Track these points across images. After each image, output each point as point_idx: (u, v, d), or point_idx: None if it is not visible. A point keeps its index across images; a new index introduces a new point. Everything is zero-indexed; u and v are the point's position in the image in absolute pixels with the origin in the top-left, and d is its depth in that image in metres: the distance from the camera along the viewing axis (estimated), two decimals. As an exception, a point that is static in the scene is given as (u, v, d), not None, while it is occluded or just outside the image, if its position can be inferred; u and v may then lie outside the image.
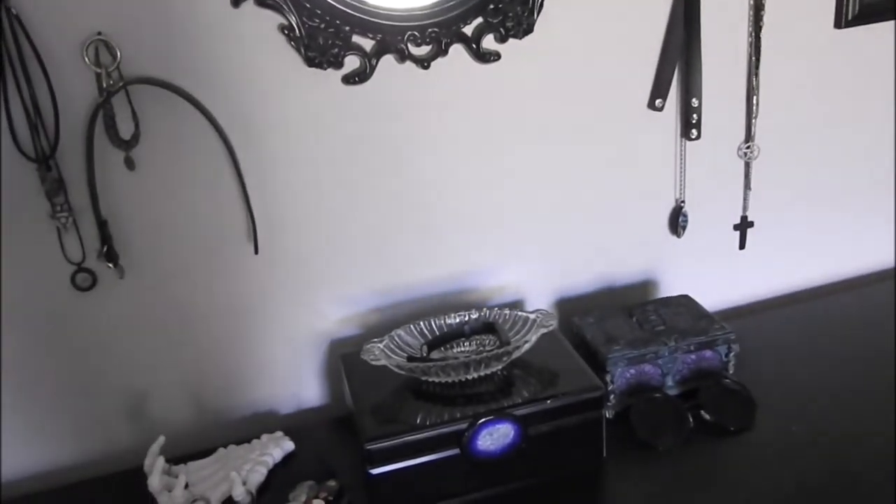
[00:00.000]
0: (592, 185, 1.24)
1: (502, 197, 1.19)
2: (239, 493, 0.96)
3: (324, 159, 1.09)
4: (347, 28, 1.02)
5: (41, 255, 1.02)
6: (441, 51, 1.08)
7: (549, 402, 0.96)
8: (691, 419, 1.05)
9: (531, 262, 1.25)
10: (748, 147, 1.29)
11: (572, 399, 0.97)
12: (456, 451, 0.94)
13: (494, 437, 0.95)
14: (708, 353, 1.11)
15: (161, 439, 1.01)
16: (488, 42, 1.10)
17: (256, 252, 1.09)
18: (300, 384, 1.20)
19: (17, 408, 1.07)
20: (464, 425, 0.94)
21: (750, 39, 1.23)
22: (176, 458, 1.06)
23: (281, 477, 1.04)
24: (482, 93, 1.13)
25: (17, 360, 1.05)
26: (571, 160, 1.21)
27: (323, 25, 1.01)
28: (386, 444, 0.92)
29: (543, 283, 1.27)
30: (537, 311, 1.08)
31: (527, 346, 1.01)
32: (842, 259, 1.44)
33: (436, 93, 1.10)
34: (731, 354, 1.12)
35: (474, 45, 1.09)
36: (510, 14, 1.08)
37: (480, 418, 0.94)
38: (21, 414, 1.08)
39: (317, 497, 0.96)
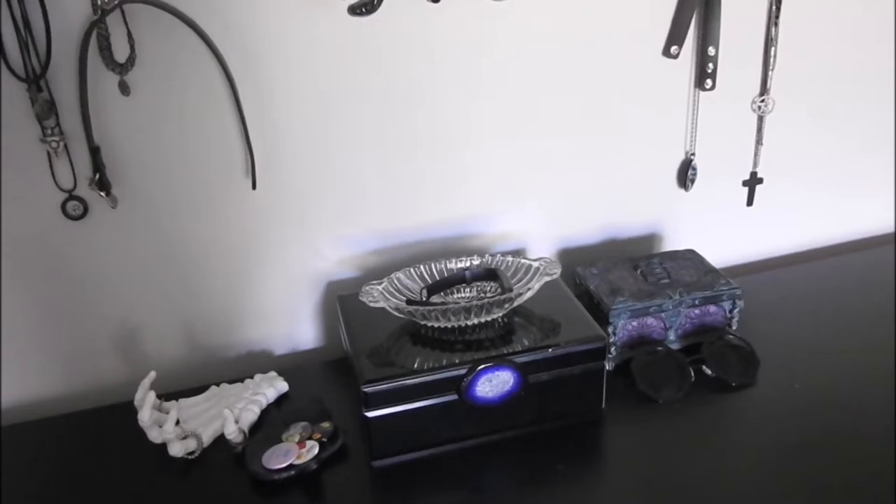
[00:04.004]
0: (601, 134, 1.20)
1: (508, 142, 1.16)
2: (231, 430, 0.94)
3: (326, 93, 1.05)
4: (356, -46, 0.97)
5: (31, 181, 0.98)
6: (452, -16, 1.03)
7: (550, 350, 0.94)
8: (693, 373, 1.03)
9: (535, 210, 1.22)
10: (763, 100, 1.26)
11: (574, 348, 0.95)
12: (454, 396, 0.92)
13: (493, 383, 0.93)
14: (712, 307, 1.09)
15: (152, 374, 0.99)
16: (502, -23, 1.05)
17: (254, 187, 1.06)
18: (295, 325, 1.17)
19: (3, 336, 1.05)
20: (462, 371, 0.92)
21: (771, -12, 1.19)
22: (167, 394, 1.04)
23: (274, 417, 1.02)
24: (493, 32, 1.08)
25: (5, 288, 1.02)
26: (581, 106, 1.17)
27: (330, -50, 0.96)
28: (383, 386, 0.90)
29: (546, 231, 1.24)
30: (541, 258, 1.05)
31: (529, 293, 0.98)
32: (850, 220, 1.42)
33: (445, 29, 1.06)
34: (736, 310, 1.10)
35: (487, -20, 1.05)
36: (526, -52, 1.04)
37: (480, 364, 0.91)
38: (8, 343, 1.05)
39: (310, 438, 0.94)
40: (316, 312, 1.18)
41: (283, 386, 1.06)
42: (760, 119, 1.27)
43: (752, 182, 1.32)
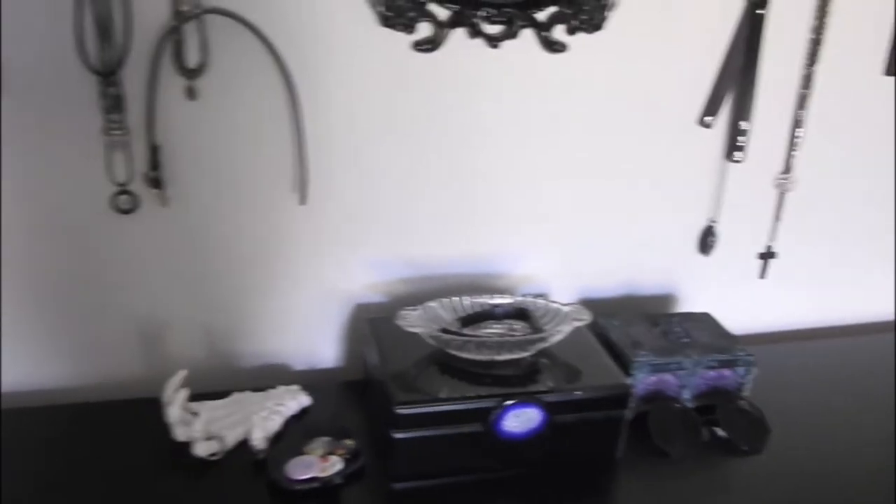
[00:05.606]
0: (631, 191, 1.24)
1: (543, 189, 1.20)
2: (258, 437, 0.95)
3: (381, 121, 1.08)
4: (427, -6, 1.01)
5: (85, 170, 1.00)
6: (512, 32, 1.08)
7: (577, 392, 0.96)
8: (706, 433, 1.06)
9: (560, 259, 1.25)
10: (785, 178, 1.31)
11: (600, 393, 0.97)
12: (480, 428, 0.94)
13: (521, 419, 0.94)
14: (727, 371, 1.12)
15: (183, 372, 0.99)
16: (558, 32, 1.10)
17: (302, 202, 1.08)
18: (318, 342, 1.19)
19: (33, 317, 1.05)
20: (492, 403, 0.93)
21: (804, 72, 1.24)
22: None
23: (294, 429, 1.03)
24: (543, 82, 1.13)
25: (45, 269, 1.03)
26: (615, 164, 1.22)
27: (403, -13, 1.00)
28: (414, 410, 0.91)
29: (569, 280, 1.28)
30: (569, 304, 1.08)
31: (560, 335, 1.01)
32: (865, 303, 1.47)
33: (500, 74, 1.10)
34: (749, 377, 1.13)
35: (544, 33, 1.09)
36: (584, 7, 1.09)
37: (511, 399, 0.93)
38: (32, 325, 1.06)
39: (332, 453, 0.95)
40: (339, 333, 1.19)
41: (305, 400, 1.07)
42: (781, 195, 1.32)
43: (767, 256, 1.36)
